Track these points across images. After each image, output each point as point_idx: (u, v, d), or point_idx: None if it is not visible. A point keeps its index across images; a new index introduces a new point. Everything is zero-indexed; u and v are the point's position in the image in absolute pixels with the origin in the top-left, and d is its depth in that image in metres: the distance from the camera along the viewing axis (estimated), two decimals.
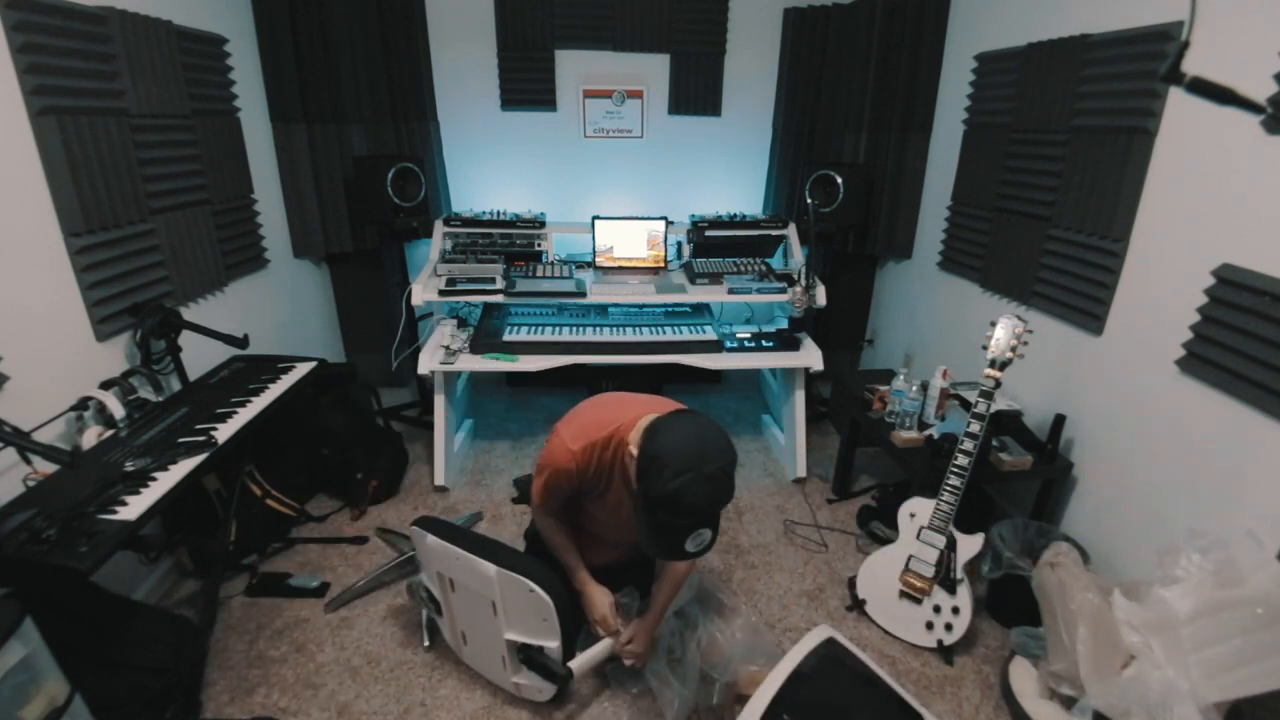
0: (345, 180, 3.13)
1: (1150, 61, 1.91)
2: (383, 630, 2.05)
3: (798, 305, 2.65)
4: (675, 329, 2.79)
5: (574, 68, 3.24)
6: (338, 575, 2.29)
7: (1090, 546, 2.09)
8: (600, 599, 1.75)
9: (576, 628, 1.77)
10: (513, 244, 3.07)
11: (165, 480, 1.53)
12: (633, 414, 1.52)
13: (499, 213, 3.13)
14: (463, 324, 2.82)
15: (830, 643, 1.58)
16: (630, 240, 3.08)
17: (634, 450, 1.38)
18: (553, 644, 1.65)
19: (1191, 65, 0.88)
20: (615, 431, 1.53)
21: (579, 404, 1.71)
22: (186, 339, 2.12)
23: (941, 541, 1.97)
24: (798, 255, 3.12)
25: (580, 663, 1.70)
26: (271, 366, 2.26)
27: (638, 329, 2.76)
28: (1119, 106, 2.03)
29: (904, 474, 2.63)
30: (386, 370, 3.37)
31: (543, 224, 3.08)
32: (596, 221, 3.05)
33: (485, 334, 2.69)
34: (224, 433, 1.78)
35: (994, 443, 2.20)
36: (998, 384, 1.92)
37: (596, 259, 3.07)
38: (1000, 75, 2.58)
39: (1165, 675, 1.43)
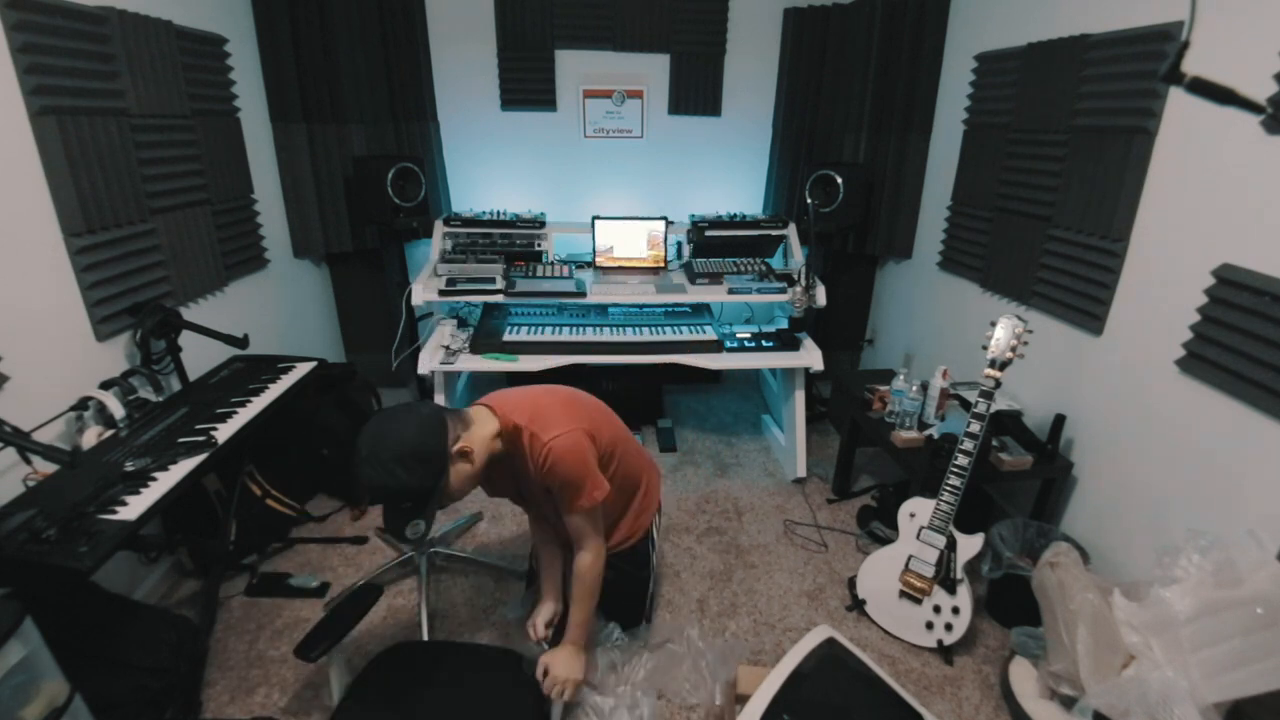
0: (345, 180, 3.13)
1: (1150, 61, 1.91)
2: (383, 630, 2.05)
3: (798, 305, 2.65)
4: (675, 329, 2.79)
5: (574, 68, 3.24)
6: (338, 575, 2.29)
7: (1090, 546, 2.09)
8: (544, 608, 1.71)
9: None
10: (513, 244, 3.07)
11: (165, 480, 1.54)
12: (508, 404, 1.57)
13: (499, 213, 3.13)
14: (463, 324, 2.82)
15: (830, 643, 1.58)
16: (630, 240, 3.08)
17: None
18: None
19: (1191, 65, 0.88)
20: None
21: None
22: (186, 339, 2.12)
23: (941, 541, 1.97)
24: (798, 255, 3.12)
25: None
26: (271, 366, 2.26)
27: (638, 329, 2.76)
28: (1119, 106, 2.03)
29: (904, 474, 2.63)
30: (386, 370, 3.37)
31: (543, 224, 3.08)
32: (596, 221, 3.05)
33: (485, 334, 2.69)
34: (224, 433, 1.78)
35: (994, 443, 2.20)
36: (998, 384, 1.91)
37: (596, 259, 3.07)
38: (1000, 75, 2.58)
39: (1165, 675, 1.43)
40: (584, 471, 1.52)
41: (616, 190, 3.47)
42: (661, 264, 3.09)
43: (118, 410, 1.82)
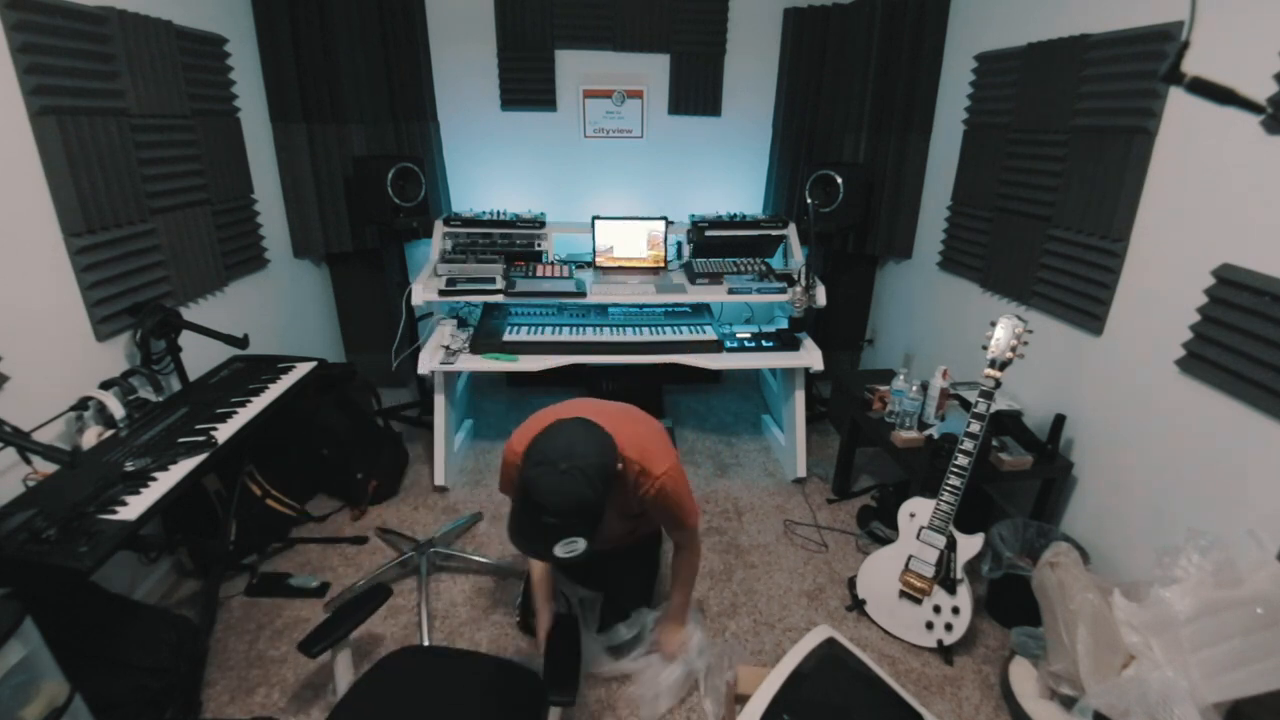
0: (345, 180, 3.13)
1: (1150, 61, 1.91)
2: (383, 630, 2.05)
3: (798, 305, 2.65)
4: (675, 329, 2.79)
5: (574, 68, 3.24)
6: (338, 575, 2.29)
7: (1090, 546, 2.09)
8: (543, 621, 1.76)
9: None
10: (513, 244, 3.07)
11: (165, 480, 1.54)
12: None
13: (499, 213, 3.13)
14: (463, 324, 2.82)
15: (830, 643, 1.58)
16: (630, 240, 3.08)
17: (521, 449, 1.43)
18: None
19: (1191, 65, 0.88)
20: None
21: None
22: (186, 339, 2.12)
23: (941, 541, 1.97)
24: (798, 255, 3.12)
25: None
26: (271, 366, 2.26)
27: (638, 329, 2.76)
28: (1119, 106, 2.03)
29: (904, 474, 2.63)
30: (386, 370, 3.37)
31: (543, 224, 3.08)
32: (596, 221, 3.05)
33: (485, 334, 2.69)
34: (224, 433, 1.78)
35: (994, 443, 2.20)
36: (998, 384, 1.92)
37: (596, 259, 3.07)
38: (1000, 75, 2.58)
39: (1165, 675, 1.43)
40: (686, 499, 1.67)
41: (616, 190, 3.47)
42: (661, 264, 3.09)
43: (118, 410, 1.82)
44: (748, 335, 2.81)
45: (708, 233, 3.12)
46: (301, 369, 2.26)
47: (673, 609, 1.89)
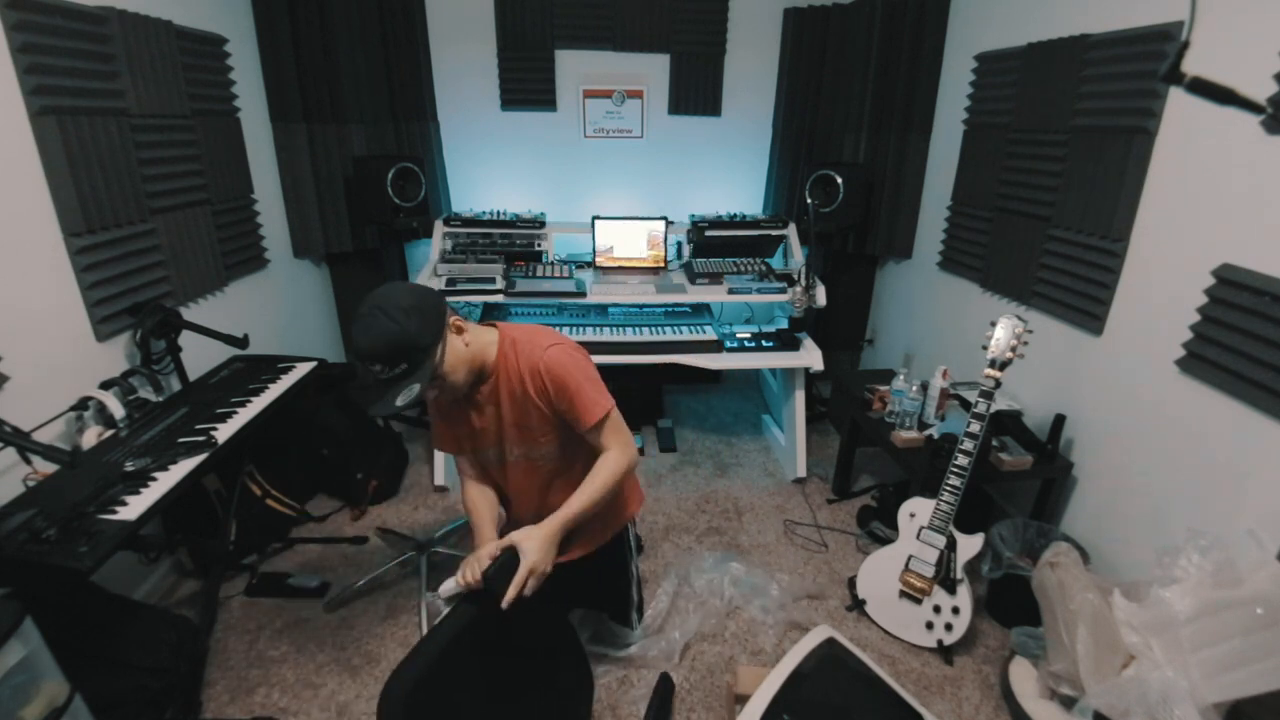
0: (345, 180, 3.13)
1: (1150, 61, 1.91)
2: (383, 630, 2.05)
3: (798, 305, 2.65)
4: (675, 329, 2.79)
5: (574, 68, 3.24)
6: (338, 575, 2.29)
7: (1090, 546, 2.09)
8: (485, 548, 1.51)
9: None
10: (513, 244, 3.07)
11: (165, 480, 1.53)
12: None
13: (499, 213, 3.13)
14: None
15: (830, 643, 1.58)
16: (630, 240, 3.08)
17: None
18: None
19: (1191, 65, 0.88)
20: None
21: None
22: (186, 339, 2.12)
23: (941, 541, 1.97)
24: (798, 255, 3.12)
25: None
26: (271, 366, 2.26)
27: (638, 329, 2.76)
28: (1119, 106, 2.03)
29: (904, 474, 2.63)
30: None
31: (543, 224, 3.08)
32: (596, 221, 3.05)
33: None
34: (224, 433, 1.78)
35: (994, 443, 2.20)
36: (998, 384, 1.92)
37: (596, 259, 3.07)
38: (1000, 75, 2.58)
39: (1165, 675, 1.43)
40: (587, 374, 1.45)
41: (616, 190, 3.47)
42: (661, 264, 3.09)
43: (118, 410, 1.82)
44: (748, 335, 2.81)
45: (708, 233, 3.12)
46: (301, 369, 2.26)
47: (556, 513, 1.43)
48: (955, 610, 1.95)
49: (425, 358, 1.32)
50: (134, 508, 1.42)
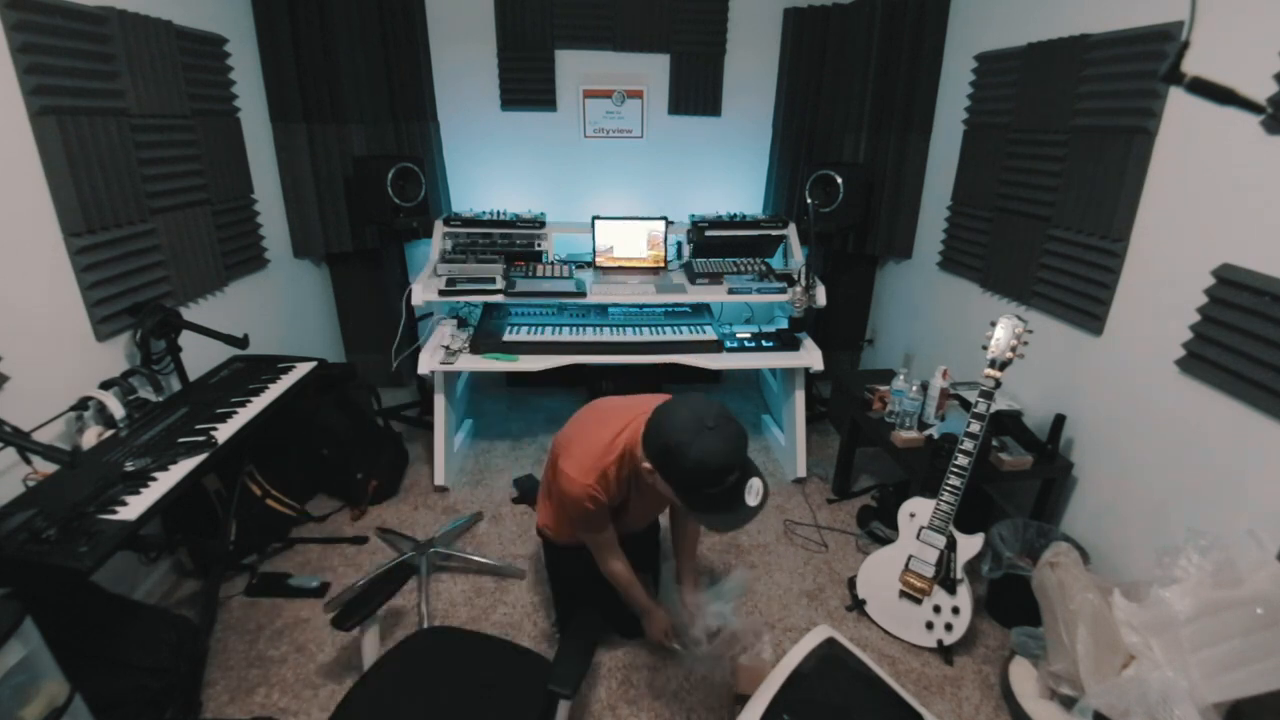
0: (345, 180, 3.13)
1: (1150, 61, 1.91)
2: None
3: (798, 305, 2.65)
4: (675, 329, 2.79)
5: (574, 68, 3.24)
6: (338, 575, 2.29)
7: (1090, 546, 2.09)
8: (659, 619, 1.81)
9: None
10: (513, 244, 3.07)
11: (165, 480, 1.53)
12: (625, 423, 1.55)
13: (499, 213, 3.13)
14: (463, 324, 2.82)
15: (830, 643, 1.58)
16: (630, 240, 3.08)
17: (648, 465, 1.42)
18: None
19: (1191, 65, 0.88)
20: (620, 448, 1.55)
21: (569, 426, 1.71)
22: (186, 339, 2.12)
23: (941, 541, 1.97)
24: (798, 255, 3.12)
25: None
26: (271, 366, 2.26)
27: (638, 329, 2.76)
28: (1119, 106, 2.03)
29: (904, 474, 2.63)
30: (386, 370, 3.37)
31: (543, 224, 3.08)
32: (596, 221, 3.05)
33: (485, 334, 2.69)
34: (224, 433, 1.78)
35: (994, 443, 2.20)
36: (998, 384, 1.91)
37: (596, 259, 3.07)
38: (1000, 75, 2.58)
39: (1165, 675, 1.43)
40: None
41: (616, 190, 3.47)
42: (661, 264, 3.09)
43: (118, 410, 1.82)
44: (748, 335, 2.81)
45: (708, 233, 3.12)
46: (301, 369, 2.26)
47: (689, 565, 1.91)
48: (955, 610, 1.95)
49: None
50: (134, 508, 1.42)
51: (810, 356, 2.73)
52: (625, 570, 1.73)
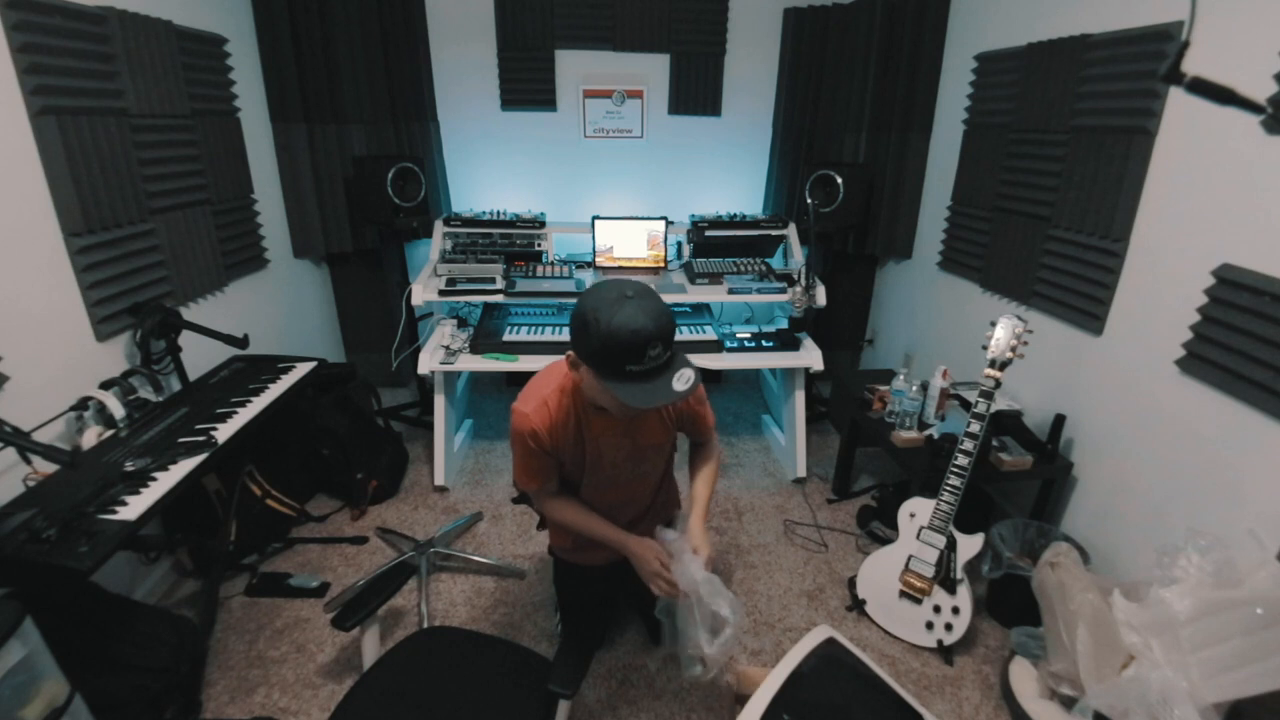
0: (345, 180, 3.13)
1: (1150, 61, 1.91)
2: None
3: (798, 305, 2.65)
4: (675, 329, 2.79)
5: (574, 68, 3.24)
6: (338, 575, 2.29)
7: (1090, 546, 2.09)
8: (646, 552, 1.53)
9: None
10: (513, 244, 3.07)
11: (165, 480, 1.54)
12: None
13: (499, 213, 3.13)
14: (463, 324, 2.82)
15: (830, 643, 1.58)
16: (630, 240, 3.08)
17: (571, 354, 1.37)
18: None
19: (1191, 65, 0.88)
20: (559, 377, 1.52)
21: None
22: (186, 339, 2.12)
23: (941, 541, 1.97)
24: (798, 255, 3.12)
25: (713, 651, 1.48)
26: (271, 366, 2.26)
27: None
28: (1119, 106, 2.03)
29: (904, 474, 2.63)
30: (386, 370, 3.37)
31: (543, 224, 3.08)
32: (596, 221, 3.05)
33: (485, 334, 2.69)
34: (224, 433, 1.78)
35: (994, 443, 2.20)
36: (998, 384, 1.92)
37: (596, 259, 3.07)
38: (1000, 75, 2.58)
39: (1165, 675, 1.43)
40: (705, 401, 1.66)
41: (616, 190, 3.47)
42: (661, 264, 3.09)
43: (118, 410, 1.82)
44: (748, 335, 2.81)
45: (708, 233, 3.12)
46: (301, 369, 2.26)
47: (699, 507, 1.62)
48: (955, 610, 1.95)
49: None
50: (134, 508, 1.42)
51: (810, 356, 2.73)
52: (584, 514, 1.61)
